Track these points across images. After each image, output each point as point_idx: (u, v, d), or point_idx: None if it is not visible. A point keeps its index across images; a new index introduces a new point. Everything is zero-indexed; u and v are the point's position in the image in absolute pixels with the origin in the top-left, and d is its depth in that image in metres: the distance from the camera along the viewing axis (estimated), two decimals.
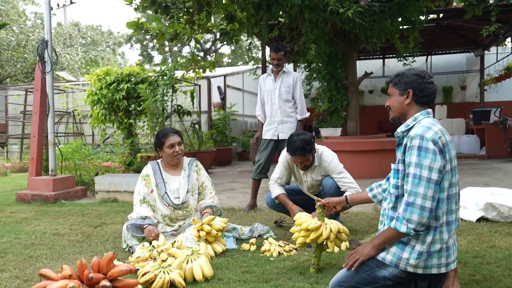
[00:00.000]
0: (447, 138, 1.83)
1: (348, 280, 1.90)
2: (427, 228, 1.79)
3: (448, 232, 1.81)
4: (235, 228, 3.26)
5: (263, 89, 4.56)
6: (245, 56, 28.63)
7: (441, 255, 1.80)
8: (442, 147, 1.77)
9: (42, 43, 5.34)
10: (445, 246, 1.81)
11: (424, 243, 1.79)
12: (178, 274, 2.27)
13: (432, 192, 1.73)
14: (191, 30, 7.81)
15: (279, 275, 2.40)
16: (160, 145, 3.13)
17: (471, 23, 9.80)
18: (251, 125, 13.26)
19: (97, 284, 1.96)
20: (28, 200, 5.16)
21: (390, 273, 1.83)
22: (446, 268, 1.82)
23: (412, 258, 1.79)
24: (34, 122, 5.64)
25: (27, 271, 2.59)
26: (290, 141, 3.10)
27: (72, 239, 3.32)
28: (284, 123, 4.42)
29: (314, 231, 2.42)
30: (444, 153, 1.77)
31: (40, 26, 20.98)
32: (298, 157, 3.09)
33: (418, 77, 1.93)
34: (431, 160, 1.73)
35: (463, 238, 3.05)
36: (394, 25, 6.94)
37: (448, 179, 1.79)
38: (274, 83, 4.45)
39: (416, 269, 1.80)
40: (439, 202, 1.78)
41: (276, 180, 3.39)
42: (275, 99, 4.42)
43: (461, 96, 13.65)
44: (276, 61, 4.36)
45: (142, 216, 2.93)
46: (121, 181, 5.06)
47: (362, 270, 1.89)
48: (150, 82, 7.23)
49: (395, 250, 1.84)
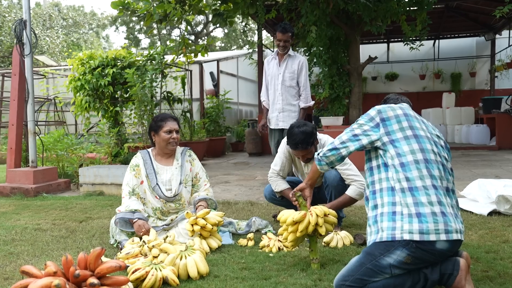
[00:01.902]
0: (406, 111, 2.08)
1: (353, 273, 1.92)
2: (401, 191, 1.90)
3: (435, 195, 1.88)
4: (231, 223, 3.25)
5: (267, 73, 4.51)
6: (239, 40, 28.46)
7: (436, 220, 1.83)
8: (387, 117, 2.04)
9: (20, 23, 5.25)
10: (438, 210, 1.85)
11: (407, 205, 1.88)
12: (171, 271, 2.26)
13: (346, 138, 2.11)
14: (182, 11, 7.72)
15: (279, 272, 2.40)
16: (157, 128, 3.09)
17: (482, 5, 9.78)
18: (246, 114, 13.23)
19: (84, 281, 1.94)
20: (6, 193, 5.11)
21: (395, 260, 1.85)
22: (446, 236, 1.82)
23: (404, 224, 1.85)
24: (12, 109, 5.57)
25: (7, 268, 2.56)
26: (291, 134, 3.03)
27: (55, 235, 3.30)
28: (284, 112, 4.40)
29: (300, 222, 2.45)
30: (386, 122, 2.04)
31: (17, 6, 20.67)
32: (300, 151, 3.05)
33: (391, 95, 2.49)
34: (364, 122, 2.09)
35: (474, 233, 3.07)
36: (401, 6, 6.91)
37: (409, 144, 1.96)
38: (278, 67, 4.40)
39: (412, 235, 1.81)
40: (404, 166, 1.93)
41: (277, 172, 3.33)
42: (278, 84, 4.40)
43: (470, 83, 13.68)
44: (282, 43, 4.31)
45: (132, 209, 2.91)
46: (107, 173, 5.03)
47: (367, 260, 1.90)
48: (138, 67, 7.17)
49: (386, 224, 1.90)
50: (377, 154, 2.05)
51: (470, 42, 13.69)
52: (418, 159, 1.93)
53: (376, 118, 2.06)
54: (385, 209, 1.94)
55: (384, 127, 2.03)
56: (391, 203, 1.93)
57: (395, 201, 1.92)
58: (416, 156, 1.94)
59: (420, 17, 7.40)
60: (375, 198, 2.01)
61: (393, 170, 1.95)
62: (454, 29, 12.69)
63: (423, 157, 1.94)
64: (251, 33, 20.38)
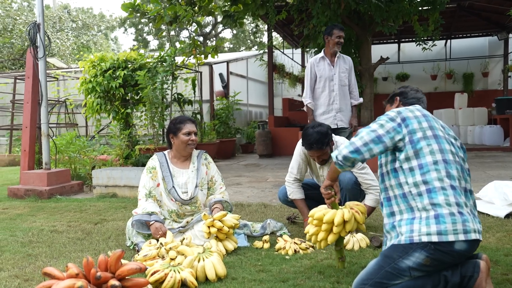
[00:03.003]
0: (425, 113, 2.07)
1: (372, 276, 1.93)
2: (418, 194, 1.91)
3: (453, 196, 1.87)
4: (246, 225, 3.27)
5: (319, 74, 4.49)
6: (248, 40, 28.50)
7: (454, 220, 1.82)
8: (408, 117, 2.02)
9: (34, 27, 5.33)
10: (456, 211, 1.84)
11: (425, 209, 1.87)
12: (189, 273, 2.29)
13: (368, 138, 2.01)
14: (192, 12, 7.77)
15: (296, 274, 2.41)
16: (176, 130, 3.12)
17: (495, 4, 9.71)
18: (256, 115, 13.25)
19: (105, 283, 1.97)
20: (21, 195, 5.19)
21: (414, 262, 1.85)
22: (465, 236, 1.82)
23: (422, 226, 1.85)
24: (26, 112, 5.65)
25: (27, 270, 2.61)
26: (306, 134, 3.05)
27: (71, 237, 3.34)
28: (342, 111, 4.45)
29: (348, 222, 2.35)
30: (407, 122, 2.01)
31: (27, 9, 20.93)
32: (315, 151, 3.05)
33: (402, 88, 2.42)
34: (385, 121, 2.04)
35: (492, 235, 3.05)
36: (413, 6, 6.88)
37: (429, 144, 1.95)
38: (332, 68, 4.40)
39: (430, 236, 1.82)
40: (423, 167, 1.91)
41: (295, 177, 3.34)
42: (334, 85, 4.41)
43: (483, 83, 13.56)
44: (341, 40, 4.34)
45: (148, 211, 2.94)
46: (120, 175, 5.08)
47: (385, 263, 1.91)
48: (149, 69, 7.22)
49: (405, 228, 1.91)
50: (392, 158, 2.05)
51: (482, 41, 13.58)
52: (437, 159, 1.93)
53: (397, 119, 2.03)
54: (404, 215, 1.95)
55: (406, 126, 2.00)
56: (409, 209, 1.94)
57: (412, 206, 1.93)
58: (436, 156, 1.93)
59: (432, 17, 7.37)
60: (391, 205, 2.02)
61: (408, 174, 1.95)
62: (466, 29, 12.60)
63: (442, 158, 1.93)
64: (260, 34, 20.40)
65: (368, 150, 2.01)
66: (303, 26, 8.13)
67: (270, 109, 10.62)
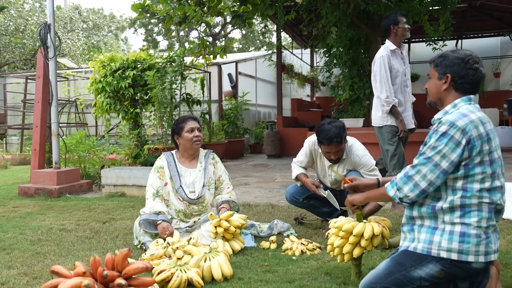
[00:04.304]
0: (486, 128, 1.82)
1: (381, 281, 1.89)
2: (450, 210, 1.79)
3: (487, 219, 1.78)
4: (253, 225, 3.27)
5: (395, 68, 3.91)
6: (257, 41, 28.51)
7: (479, 242, 1.76)
8: (473, 139, 1.78)
9: (45, 27, 5.38)
10: (483, 232, 1.77)
11: (453, 223, 1.79)
12: (196, 273, 2.29)
13: (433, 177, 1.80)
14: (201, 13, 7.79)
15: (303, 275, 2.40)
16: (179, 130, 3.14)
17: (507, 3, 9.58)
18: (264, 116, 13.25)
19: (112, 282, 1.98)
20: (31, 194, 5.24)
21: (427, 273, 1.81)
22: (485, 258, 1.77)
23: (443, 240, 1.78)
24: (36, 111, 5.72)
25: (36, 268, 2.63)
26: (323, 130, 3.00)
27: (80, 235, 3.37)
28: (410, 109, 4.05)
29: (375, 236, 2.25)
30: (472, 145, 1.78)
31: (38, 9, 21.18)
32: (334, 146, 3.00)
33: (461, 61, 1.89)
34: (448, 148, 1.77)
35: (502, 238, 3.01)
36: (423, 6, 6.83)
37: (484, 171, 1.79)
38: (402, 61, 3.95)
39: (450, 253, 1.76)
40: (467, 191, 1.78)
41: (295, 163, 3.45)
42: (407, 80, 3.99)
43: (495, 83, 13.40)
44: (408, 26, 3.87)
45: (156, 211, 2.96)
46: (129, 175, 5.11)
47: (396, 270, 1.87)
48: (158, 69, 7.25)
49: (424, 237, 1.83)
50: None
51: (494, 41, 13.43)
52: (484, 187, 1.79)
53: (462, 141, 1.77)
54: (426, 222, 1.87)
55: (469, 151, 1.78)
56: (433, 218, 1.85)
57: (437, 216, 1.84)
58: (484, 184, 1.79)
59: (443, 17, 7.30)
60: (412, 210, 1.92)
61: (450, 193, 1.82)
62: (477, 29, 12.46)
63: (490, 186, 1.80)
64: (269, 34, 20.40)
65: (433, 187, 1.83)
66: (312, 26, 8.11)
67: (279, 109, 10.60)
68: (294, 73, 12.78)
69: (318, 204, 3.44)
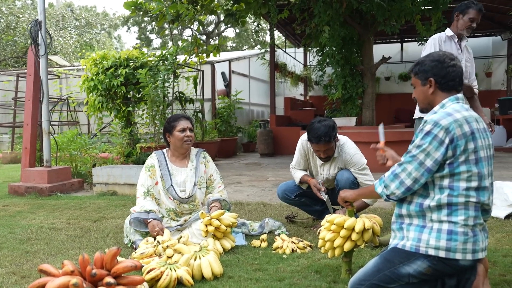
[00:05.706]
0: (472, 127, 1.84)
1: (370, 278, 1.91)
2: (437, 208, 1.81)
3: (474, 218, 1.80)
4: (244, 224, 3.27)
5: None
6: (251, 39, 28.49)
7: (466, 240, 1.78)
8: (457, 138, 1.80)
9: (35, 24, 5.33)
10: (471, 230, 1.79)
11: (440, 221, 1.81)
12: (185, 271, 2.29)
13: (418, 175, 1.84)
14: (194, 11, 7.77)
15: (293, 274, 2.41)
16: (170, 129, 3.13)
17: (499, 3, 9.65)
18: (257, 114, 13.25)
19: (101, 281, 1.97)
20: (21, 192, 5.20)
21: (415, 270, 1.83)
22: (472, 255, 1.79)
23: (432, 238, 1.80)
24: (27, 109, 5.66)
25: (24, 267, 2.62)
26: (312, 128, 3.03)
27: (70, 234, 3.35)
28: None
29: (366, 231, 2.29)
30: (455, 144, 1.80)
31: (30, 7, 20.98)
32: (322, 145, 3.02)
33: (437, 63, 1.96)
34: (432, 147, 1.81)
35: (491, 236, 3.04)
36: (415, 5, 6.87)
37: (469, 170, 1.80)
38: (460, 51, 3.74)
39: (438, 251, 1.78)
40: (453, 190, 1.80)
41: (293, 167, 3.45)
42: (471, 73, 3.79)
43: (486, 83, 13.50)
44: (475, 24, 3.63)
45: (146, 209, 2.95)
46: (120, 173, 5.09)
47: (385, 267, 1.89)
48: (150, 67, 7.23)
49: (413, 235, 1.85)
50: None
51: (486, 41, 13.52)
52: (471, 186, 1.81)
53: (446, 140, 1.80)
54: (414, 221, 1.89)
55: (452, 149, 1.81)
56: (421, 216, 1.87)
57: (425, 214, 1.86)
58: (471, 183, 1.81)
59: (435, 17, 7.34)
60: (401, 208, 1.95)
61: (437, 192, 1.84)
62: None
63: (477, 185, 1.82)
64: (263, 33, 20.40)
65: (418, 185, 1.86)
66: (305, 25, 8.13)
67: (272, 108, 10.60)
68: (287, 72, 12.79)
69: (310, 202, 3.45)
